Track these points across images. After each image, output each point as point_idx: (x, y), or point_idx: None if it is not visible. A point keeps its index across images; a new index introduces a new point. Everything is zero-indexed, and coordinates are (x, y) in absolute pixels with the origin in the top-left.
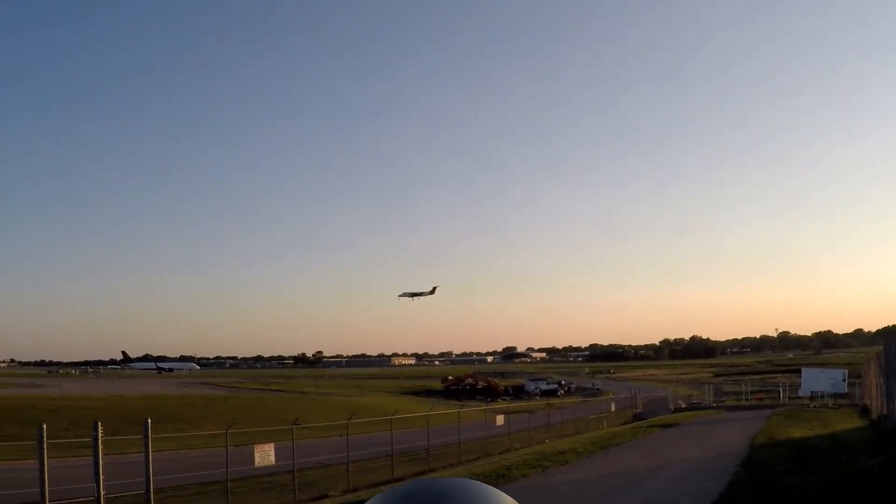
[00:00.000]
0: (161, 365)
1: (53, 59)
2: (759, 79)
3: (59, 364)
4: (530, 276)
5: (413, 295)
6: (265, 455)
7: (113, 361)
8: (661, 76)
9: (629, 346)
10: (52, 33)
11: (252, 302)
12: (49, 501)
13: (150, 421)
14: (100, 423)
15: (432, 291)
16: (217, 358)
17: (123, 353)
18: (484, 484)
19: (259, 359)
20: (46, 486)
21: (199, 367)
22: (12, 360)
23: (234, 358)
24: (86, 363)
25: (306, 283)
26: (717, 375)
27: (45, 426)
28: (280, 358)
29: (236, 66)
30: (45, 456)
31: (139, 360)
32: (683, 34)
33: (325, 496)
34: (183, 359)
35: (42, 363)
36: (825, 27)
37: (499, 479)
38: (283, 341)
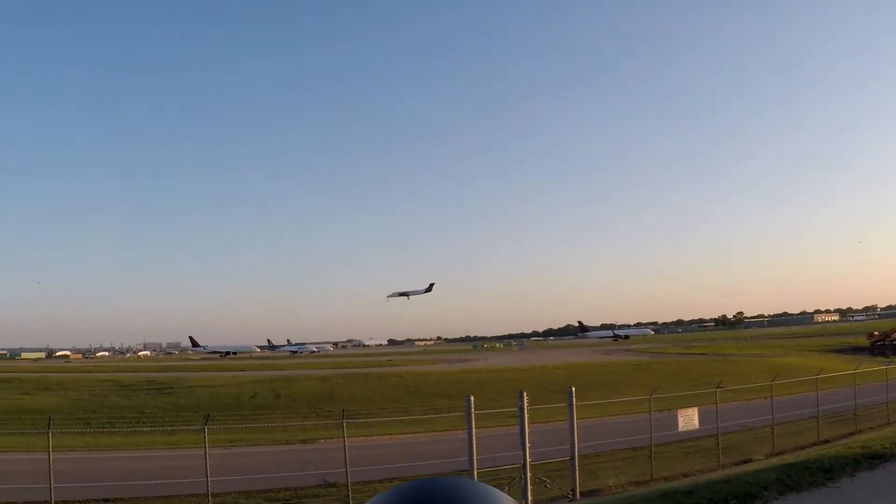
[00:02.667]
0: (618, 332)
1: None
2: None
3: (482, 339)
4: None
5: (405, 294)
6: (689, 419)
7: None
8: None
9: None
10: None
11: (673, 267)
12: (477, 469)
13: (573, 389)
14: (524, 393)
15: (429, 289)
16: (637, 324)
17: (580, 322)
18: (484, 484)
19: (679, 322)
20: (474, 453)
21: (653, 333)
22: (439, 338)
23: (655, 323)
24: (509, 336)
25: (727, 244)
26: None
27: (472, 397)
28: (700, 321)
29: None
30: (473, 425)
31: (595, 328)
32: None
33: (748, 460)
34: (604, 326)
35: (466, 339)
36: None
37: None
38: (703, 304)
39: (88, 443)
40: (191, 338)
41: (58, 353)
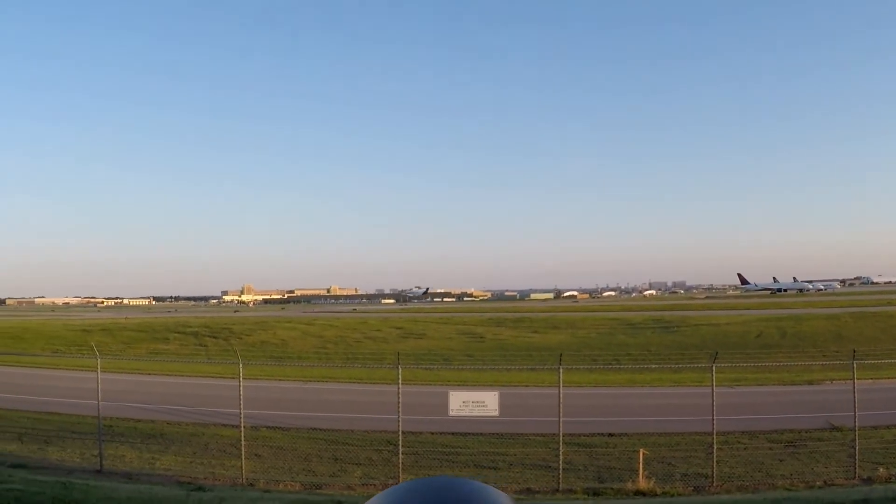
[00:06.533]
0: None
1: None
2: None
3: None
4: None
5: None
6: None
7: None
8: None
9: None
10: None
11: None
12: None
13: None
14: None
15: (425, 293)
16: None
17: None
18: (482, 483)
19: None
20: None
21: None
22: None
23: None
24: None
25: None
26: None
27: None
28: None
29: None
30: None
31: None
32: None
33: None
34: None
35: None
36: None
37: None
38: None
39: (595, 379)
40: (739, 275)
41: (565, 294)
